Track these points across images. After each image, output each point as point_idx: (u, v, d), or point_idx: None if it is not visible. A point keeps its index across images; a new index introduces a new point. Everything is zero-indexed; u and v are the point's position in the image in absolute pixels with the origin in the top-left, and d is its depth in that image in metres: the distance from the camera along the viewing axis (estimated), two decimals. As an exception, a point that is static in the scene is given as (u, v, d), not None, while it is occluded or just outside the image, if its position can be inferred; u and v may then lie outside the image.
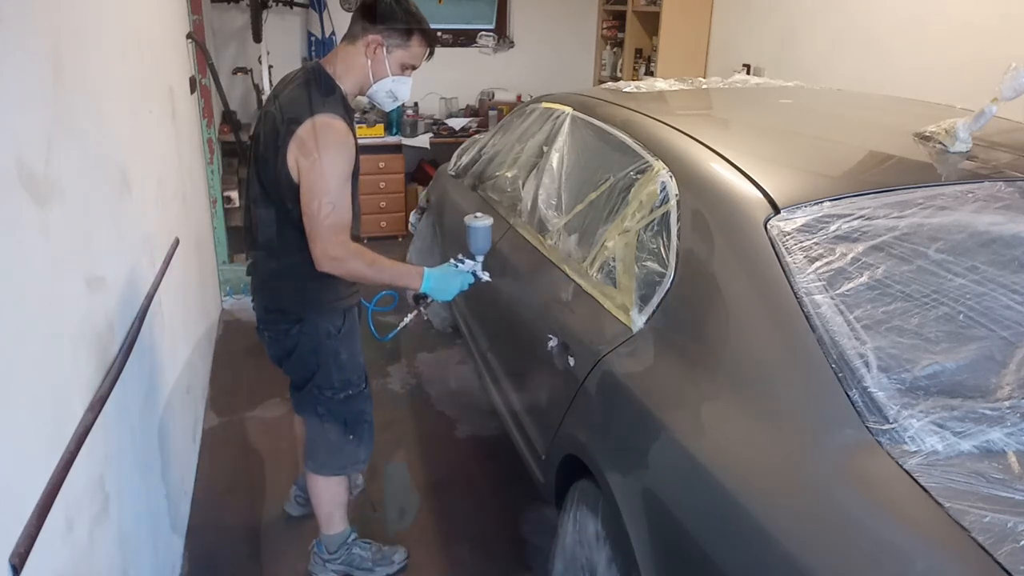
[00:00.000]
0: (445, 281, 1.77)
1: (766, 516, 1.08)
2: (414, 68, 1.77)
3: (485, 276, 1.83)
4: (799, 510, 1.07)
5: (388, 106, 1.81)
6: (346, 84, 1.72)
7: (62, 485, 1.12)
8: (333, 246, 1.61)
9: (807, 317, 1.20)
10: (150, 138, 2.19)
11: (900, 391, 1.09)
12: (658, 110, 2.03)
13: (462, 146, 3.25)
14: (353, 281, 1.80)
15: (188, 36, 3.26)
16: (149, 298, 1.85)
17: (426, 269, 1.75)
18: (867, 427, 1.06)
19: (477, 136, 3.22)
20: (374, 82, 1.73)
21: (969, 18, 2.76)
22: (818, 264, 1.26)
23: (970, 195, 1.40)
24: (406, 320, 1.88)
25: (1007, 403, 1.08)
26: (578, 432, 1.63)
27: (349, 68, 1.71)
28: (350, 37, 1.73)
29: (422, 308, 1.85)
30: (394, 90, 1.76)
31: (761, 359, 1.25)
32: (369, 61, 1.70)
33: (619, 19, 5.20)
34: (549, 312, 1.90)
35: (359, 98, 1.82)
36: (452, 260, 1.82)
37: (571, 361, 1.70)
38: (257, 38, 4.45)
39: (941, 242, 1.30)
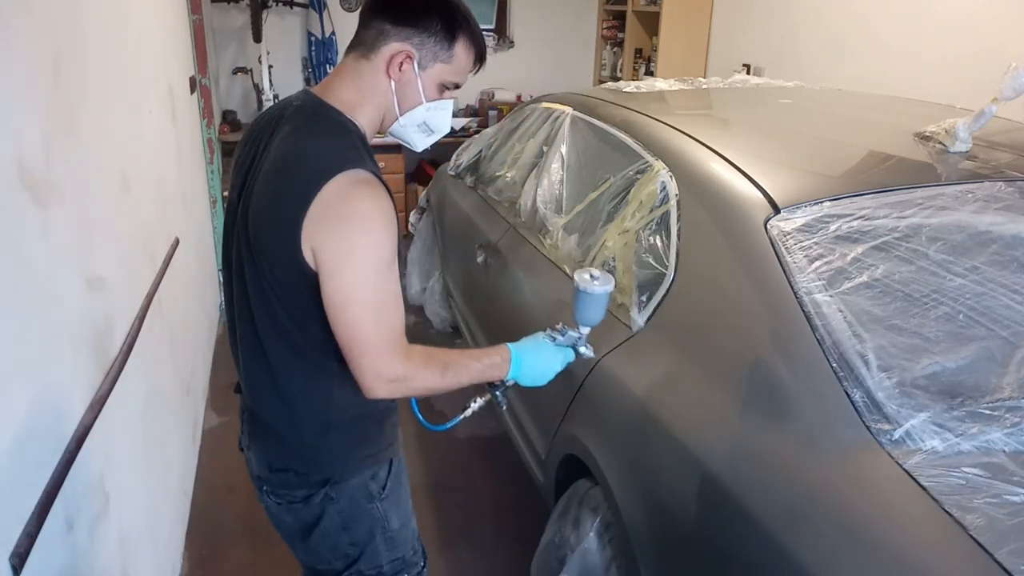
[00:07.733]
0: (539, 362, 1.29)
1: (766, 516, 1.09)
2: (456, 88, 1.23)
3: (588, 352, 1.35)
4: (799, 510, 1.07)
5: (420, 144, 1.28)
6: (363, 119, 1.18)
7: (62, 485, 1.12)
8: (390, 365, 1.09)
9: (807, 317, 1.20)
10: (150, 138, 2.19)
11: (900, 391, 1.09)
12: (658, 110, 2.02)
13: (462, 146, 3.26)
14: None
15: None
16: (149, 298, 1.85)
17: (513, 349, 1.27)
18: (867, 427, 1.07)
19: (477, 136, 3.23)
20: (401, 114, 1.20)
21: (969, 18, 2.76)
22: (818, 264, 1.26)
23: (970, 195, 1.40)
24: (473, 407, 1.36)
25: (1007, 403, 1.08)
26: (578, 432, 1.63)
27: (365, 95, 1.17)
28: (362, 48, 1.17)
29: (497, 394, 1.32)
30: (430, 122, 1.23)
31: (761, 359, 1.25)
32: (393, 83, 1.17)
33: (619, 19, 5.20)
34: (549, 312, 1.89)
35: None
36: (548, 331, 1.32)
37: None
38: (257, 38, 4.46)
39: (941, 242, 1.30)
